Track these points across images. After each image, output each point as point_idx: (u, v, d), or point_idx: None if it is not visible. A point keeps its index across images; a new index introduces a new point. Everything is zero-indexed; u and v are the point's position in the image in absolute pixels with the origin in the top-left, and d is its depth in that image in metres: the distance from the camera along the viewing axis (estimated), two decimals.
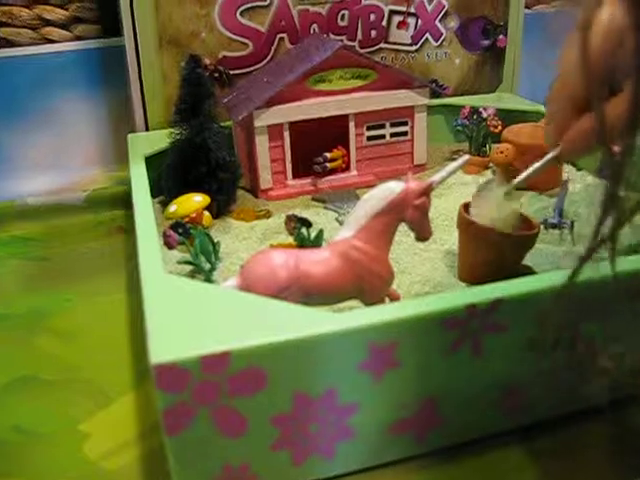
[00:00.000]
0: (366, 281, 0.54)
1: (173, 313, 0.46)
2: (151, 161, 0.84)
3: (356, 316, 0.44)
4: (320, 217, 0.81)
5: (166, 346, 0.42)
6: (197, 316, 0.46)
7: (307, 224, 0.66)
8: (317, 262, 0.53)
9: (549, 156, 0.54)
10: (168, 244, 0.66)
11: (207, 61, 0.96)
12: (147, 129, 0.97)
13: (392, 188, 0.54)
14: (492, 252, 0.63)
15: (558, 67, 0.51)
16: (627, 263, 0.50)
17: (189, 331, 0.44)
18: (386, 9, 1.03)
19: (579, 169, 0.92)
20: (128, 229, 0.88)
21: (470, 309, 0.46)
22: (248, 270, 0.52)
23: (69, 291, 0.75)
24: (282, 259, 0.52)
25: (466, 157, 0.58)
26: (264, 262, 0.52)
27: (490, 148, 0.96)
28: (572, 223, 0.75)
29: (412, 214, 0.54)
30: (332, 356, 0.44)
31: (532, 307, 0.48)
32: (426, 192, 0.54)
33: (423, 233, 0.56)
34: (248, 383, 0.42)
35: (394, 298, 0.58)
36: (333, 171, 0.90)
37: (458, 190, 0.87)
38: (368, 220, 0.54)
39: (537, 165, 0.57)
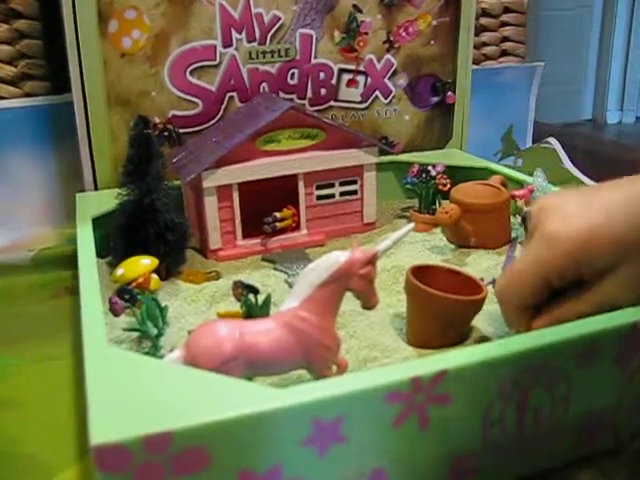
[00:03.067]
0: (312, 352, 0.53)
1: (115, 389, 0.45)
2: (99, 221, 0.83)
3: (300, 392, 0.44)
4: (269, 279, 0.80)
5: (107, 426, 0.41)
6: (139, 393, 0.45)
7: (254, 291, 0.66)
8: (262, 333, 0.52)
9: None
10: (114, 311, 0.65)
11: (156, 120, 0.96)
12: (96, 188, 0.96)
13: (337, 257, 0.54)
14: (441, 317, 0.64)
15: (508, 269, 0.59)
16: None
17: (131, 409, 0.43)
18: (335, 67, 1.05)
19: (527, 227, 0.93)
20: (76, 290, 0.87)
21: (415, 381, 0.46)
22: (193, 342, 0.52)
23: (13, 355, 0.73)
24: (227, 330, 0.51)
25: (410, 225, 0.59)
26: (209, 333, 0.52)
27: (439, 205, 0.97)
28: None
29: (358, 283, 0.54)
30: (277, 432, 0.43)
31: (478, 377, 0.48)
32: (371, 261, 0.54)
33: (369, 302, 0.56)
34: (192, 462, 0.41)
35: (341, 366, 0.58)
36: (283, 230, 0.90)
37: (406, 249, 0.88)
38: (313, 290, 0.54)
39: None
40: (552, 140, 1.41)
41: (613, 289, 0.53)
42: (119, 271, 0.75)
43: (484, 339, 0.66)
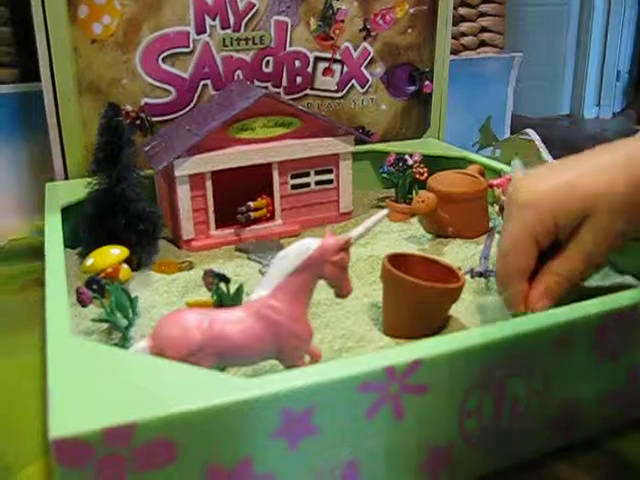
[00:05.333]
0: (284, 341, 0.52)
1: (77, 380, 0.44)
2: (69, 211, 0.82)
3: (269, 382, 0.42)
4: (243, 269, 0.79)
5: (67, 418, 0.39)
6: (102, 384, 0.43)
7: (225, 280, 0.64)
8: (232, 322, 0.51)
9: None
10: (81, 301, 0.63)
11: (129, 108, 0.94)
12: (67, 177, 0.94)
13: (308, 245, 0.52)
14: (418, 305, 0.63)
15: (500, 247, 0.60)
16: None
17: (93, 401, 0.41)
18: (311, 56, 1.03)
19: None
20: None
21: (389, 371, 0.44)
22: (160, 331, 0.50)
23: None
24: (195, 319, 0.50)
25: (384, 211, 0.57)
26: (176, 323, 0.50)
27: (416, 194, 0.95)
28: None
29: (330, 271, 0.53)
30: (245, 425, 0.41)
31: (453, 366, 0.47)
32: (344, 248, 0.53)
33: (343, 290, 0.54)
34: (157, 456, 0.40)
35: (315, 356, 0.56)
36: (257, 220, 0.88)
37: (383, 238, 0.86)
38: (284, 278, 0.52)
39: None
40: (530, 131, 1.40)
41: (588, 237, 0.56)
42: (89, 261, 0.73)
43: (462, 329, 0.65)
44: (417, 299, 0.62)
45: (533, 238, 0.57)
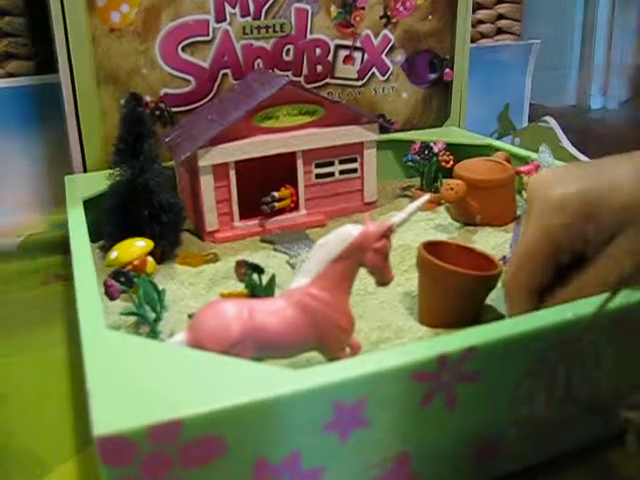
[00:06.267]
0: (326, 332, 0.50)
1: (117, 376, 0.42)
2: (90, 204, 0.80)
3: (319, 373, 0.40)
4: (270, 260, 0.77)
5: (110, 415, 0.37)
6: (144, 379, 0.41)
7: (259, 270, 0.62)
8: (272, 313, 0.49)
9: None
10: (110, 295, 0.61)
11: (148, 98, 0.92)
12: (85, 170, 0.93)
13: (350, 231, 0.51)
14: (456, 294, 0.61)
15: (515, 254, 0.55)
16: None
17: (135, 397, 0.39)
18: (332, 43, 1.01)
19: None
20: (67, 276, 0.83)
21: (442, 359, 0.42)
22: (198, 323, 0.48)
23: (2, 346, 0.69)
24: (234, 310, 0.48)
25: (426, 197, 0.56)
26: (215, 314, 0.48)
27: (441, 183, 0.94)
28: None
29: (372, 258, 0.51)
30: (295, 418, 0.40)
31: (506, 353, 0.45)
32: (386, 234, 0.51)
33: (384, 277, 0.52)
34: (203, 453, 0.38)
35: (355, 347, 0.54)
36: (281, 211, 0.87)
37: (411, 227, 0.85)
38: (325, 266, 0.50)
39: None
40: (549, 119, 1.38)
41: (618, 252, 0.50)
42: (113, 254, 0.71)
43: (499, 318, 0.63)
44: (455, 287, 0.61)
45: (554, 249, 0.52)
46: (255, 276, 0.63)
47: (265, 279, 0.64)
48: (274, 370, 0.42)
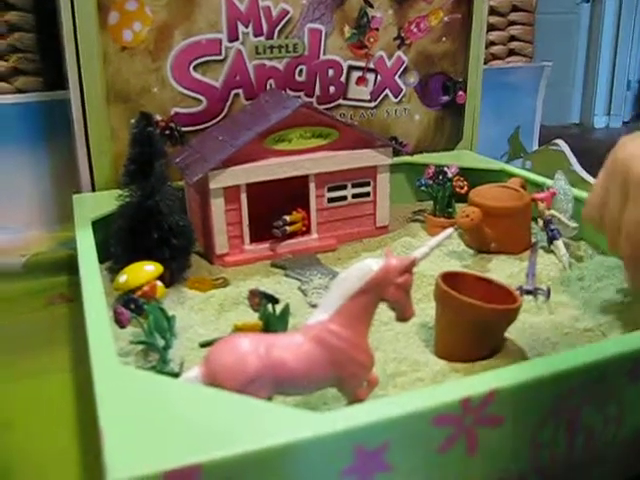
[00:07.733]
0: (345, 369, 0.49)
1: (130, 416, 0.40)
2: (97, 224, 0.78)
3: (341, 417, 0.39)
4: (282, 286, 0.75)
5: (125, 458, 0.36)
6: (159, 419, 0.40)
7: (273, 300, 0.61)
8: (290, 348, 0.47)
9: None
10: (120, 322, 0.60)
11: (158, 117, 0.91)
12: (94, 189, 0.91)
13: (370, 266, 0.49)
14: (475, 327, 0.59)
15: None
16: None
17: (150, 439, 0.38)
18: (345, 64, 1.00)
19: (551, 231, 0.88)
20: (72, 297, 0.82)
21: (465, 403, 0.41)
22: (213, 359, 0.47)
23: (4, 370, 0.67)
24: (251, 346, 0.46)
25: (449, 230, 0.54)
26: (231, 350, 0.46)
27: (454, 209, 0.92)
28: (549, 290, 0.72)
29: (394, 293, 0.49)
30: (315, 462, 0.38)
31: (529, 395, 0.44)
32: (408, 269, 0.50)
33: (405, 313, 0.51)
34: None
35: (372, 382, 0.53)
36: (293, 235, 0.85)
37: None
38: (345, 301, 0.49)
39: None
40: (560, 142, 1.37)
41: None
42: (122, 278, 0.70)
43: (518, 352, 0.61)
44: (475, 321, 0.59)
45: None
46: (269, 306, 0.61)
47: (279, 308, 0.62)
48: (295, 412, 0.41)
